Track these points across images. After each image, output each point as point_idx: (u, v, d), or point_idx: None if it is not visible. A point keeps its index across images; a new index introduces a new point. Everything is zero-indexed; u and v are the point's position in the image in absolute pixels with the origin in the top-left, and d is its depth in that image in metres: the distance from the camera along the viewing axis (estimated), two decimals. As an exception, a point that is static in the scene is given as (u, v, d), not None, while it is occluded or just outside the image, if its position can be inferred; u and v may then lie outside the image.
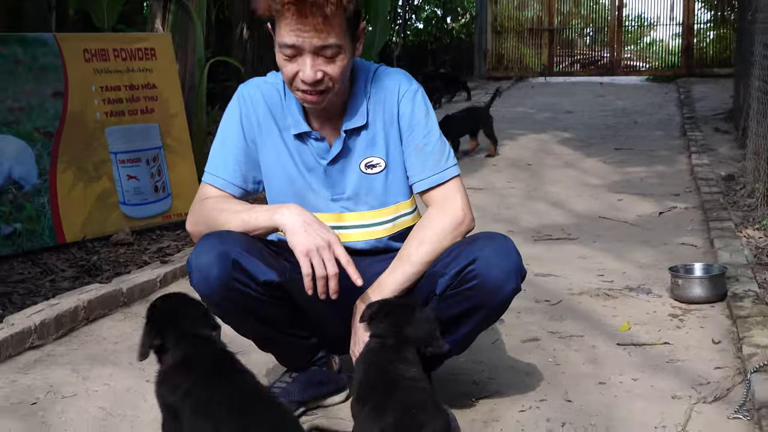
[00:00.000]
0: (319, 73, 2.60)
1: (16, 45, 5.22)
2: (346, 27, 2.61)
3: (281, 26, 2.58)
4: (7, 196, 5.07)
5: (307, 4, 2.49)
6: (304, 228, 2.54)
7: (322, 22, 2.52)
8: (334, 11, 2.53)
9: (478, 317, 2.74)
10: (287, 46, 2.58)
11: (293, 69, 2.62)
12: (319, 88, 2.64)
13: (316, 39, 2.55)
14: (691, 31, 16.67)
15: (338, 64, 2.63)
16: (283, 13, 2.54)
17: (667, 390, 3.15)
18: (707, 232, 5.52)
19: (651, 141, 9.82)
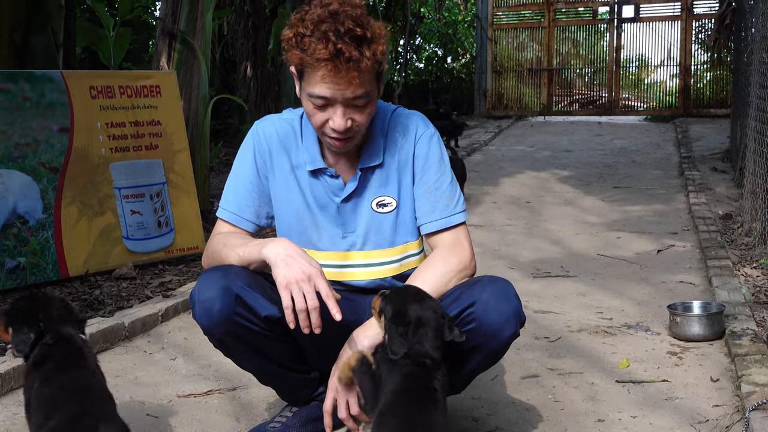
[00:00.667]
0: (349, 122, 2.62)
1: (23, 81, 5.25)
2: (375, 74, 2.64)
3: (313, 77, 2.57)
4: (11, 230, 5.07)
5: (342, 60, 2.49)
6: (286, 261, 2.53)
7: (357, 77, 2.54)
8: (369, 66, 2.55)
9: (476, 359, 2.74)
10: (319, 97, 2.59)
11: (323, 117, 2.64)
12: (347, 135, 2.65)
13: (349, 92, 2.57)
14: (689, 72, 16.74)
15: (367, 111, 2.66)
16: (318, 67, 2.53)
17: (665, 428, 3.14)
18: (705, 271, 5.51)
19: (649, 180, 9.83)
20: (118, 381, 3.70)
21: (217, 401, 3.46)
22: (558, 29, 17.98)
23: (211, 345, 3.45)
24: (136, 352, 4.12)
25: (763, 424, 2.95)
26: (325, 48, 2.49)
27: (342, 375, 2.60)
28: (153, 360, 4.02)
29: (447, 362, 2.73)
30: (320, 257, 2.86)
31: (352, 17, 2.53)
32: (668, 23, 17.08)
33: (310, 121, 2.71)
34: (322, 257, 2.86)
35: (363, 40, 2.53)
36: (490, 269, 5.79)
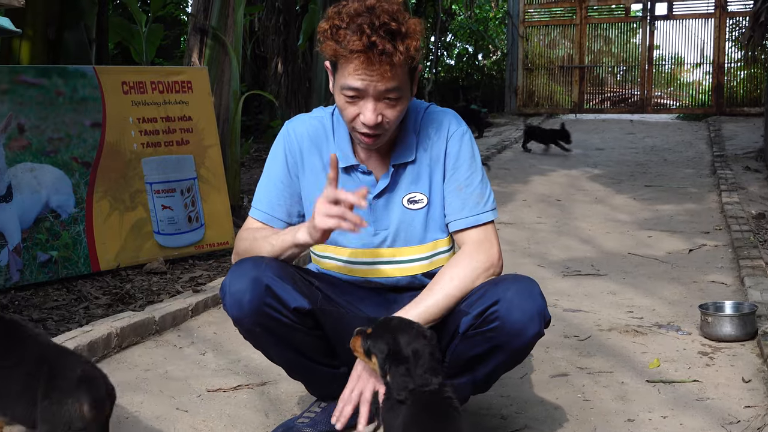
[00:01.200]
0: (380, 117, 2.62)
1: (56, 77, 5.29)
2: (408, 69, 2.64)
3: (346, 69, 2.58)
4: (44, 224, 5.12)
5: (376, 52, 2.51)
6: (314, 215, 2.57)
7: (389, 70, 2.54)
8: (402, 60, 2.55)
9: (498, 358, 2.72)
10: (351, 88, 2.60)
11: (354, 111, 2.64)
12: (377, 131, 2.65)
13: (381, 84, 2.57)
14: (722, 70, 16.61)
15: (398, 108, 2.65)
16: (351, 59, 2.55)
17: (696, 428, 3.12)
18: (737, 270, 5.47)
19: (681, 179, 9.77)
20: (149, 375, 3.72)
21: (246, 396, 3.47)
22: (590, 27, 17.90)
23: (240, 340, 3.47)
24: (166, 347, 4.15)
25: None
26: (359, 40, 2.50)
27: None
28: (183, 354, 4.04)
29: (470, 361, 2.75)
30: (350, 254, 2.87)
31: (388, 12, 2.55)
32: (702, 21, 16.95)
33: (341, 115, 2.72)
34: (352, 254, 2.88)
35: (397, 35, 2.54)
36: (520, 267, 5.78)
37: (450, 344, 2.78)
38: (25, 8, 5.20)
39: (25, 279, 4.99)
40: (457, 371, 2.79)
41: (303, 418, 3.00)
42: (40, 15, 6.64)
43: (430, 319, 2.69)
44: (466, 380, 2.81)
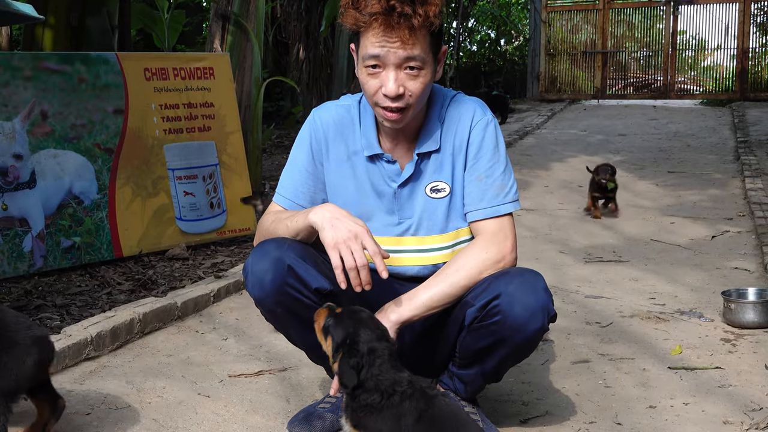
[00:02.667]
0: (401, 88, 2.61)
1: (79, 63, 5.31)
2: (430, 42, 2.63)
3: (367, 38, 2.59)
4: (67, 210, 5.14)
5: (395, 15, 2.51)
6: (332, 223, 2.55)
7: (408, 34, 2.54)
8: (421, 23, 2.54)
9: (503, 352, 2.71)
10: (372, 56, 2.60)
11: (376, 84, 2.64)
12: (399, 104, 2.63)
13: (401, 50, 2.57)
14: (746, 55, 16.47)
15: (420, 80, 2.63)
16: (371, 23, 2.56)
17: (718, 415, 3.10)
18: (761, 257, 5.44)
19: (704, 165, 9.70)
20: (171, 360, 3.74)
21: (268, 381, 3.49)
22: (613, 11, 17.78)
23: (262, 325, 3.49)
24: (188, 332, 4.17)
25: (819, 413, 2.91)
26: (377, 3, 2.52)
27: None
28: (205, 340, 4.06)
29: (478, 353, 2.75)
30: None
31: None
32: (726, 5, 16.81)
33: (365, 92, 2.71)
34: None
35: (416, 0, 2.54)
36: (542, 253, 5.77)
37: (458, 336, 2.78)
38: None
39: (48, 265, 5.03)
40: (467, 363, 2.81)
41: (324, 403, 3.00)
42: (62, 2, 6.67)
43: (433, 306, 2.70)
44: (475, 372, 2.82)
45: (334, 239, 2.52)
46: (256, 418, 3.11)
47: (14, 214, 4.94)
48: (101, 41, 7.09)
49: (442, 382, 2.97)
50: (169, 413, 3.15)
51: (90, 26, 7.03)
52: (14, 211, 4.94)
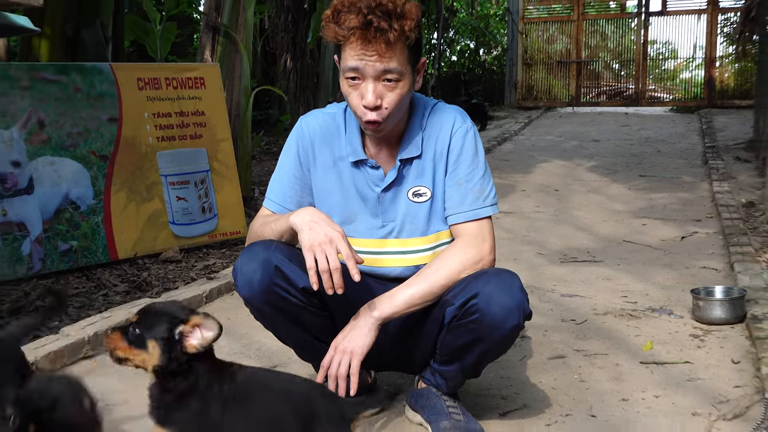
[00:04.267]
0: (379, 99, 2.62)
1: (75, 73, 5.30)
2: (408, 55, 2.64)
3: (346, 51, 2.60)
4: (64, 215, 5.14)
5: (372, 30, 2.52)
6: (310, 226, 2.55)
7: (385, 47, 2.55)
8: (397, 37, 2.55)
9: (481, 348, 2.72)
10: (351, 69, 2.60)
11: (357, 95, 2.64)
12: (377, 115, 2.64)
13: (379, 63, 2.57)
14: (714, 64, 16.55)
15: (397, 91, 2.64)
16: (349, 38, 2.57)
17: (687, 407, 3.12)
18: (727, 257, 5.47)
19: (674, 169, 9.75)
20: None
21: (258, 378, 3.49)
22: (587, 22, 17.85)
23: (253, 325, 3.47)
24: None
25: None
26: (356, 18, 2.53)
27: None
28: (197, 339, 4.05)
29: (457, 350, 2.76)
30: (358, 244, 2.87)
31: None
32: (694, 16, 16.90)
33: (348, 104, 2.73)
34: (360, 244, 2.87)
35: (392, 14, 2.55)
36: (519, 254, 5.79)
37: (439, 335, 2.79)
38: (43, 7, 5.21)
39: (46, 267, 5.02)
40: (448, 359, 2.82)
41: (313, 397, 3.01)
42: (58, 13, 6.66)
43: (413, 303, 2.71)
44: (456, 368, 2.83)
45: (310, 242, 2.53)
46: (247, 413, 3.12)
47: (13, 219, 4.93)
48: (96, 52, 7.07)
49: (424, 378, 2.98)
50: (163, 409, 3.15)
51: (85, 38, 7.02)
52: (13, 216, 4.93)
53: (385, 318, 2.67)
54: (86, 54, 6.94)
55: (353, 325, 2.68)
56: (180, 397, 2.21)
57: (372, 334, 2.64)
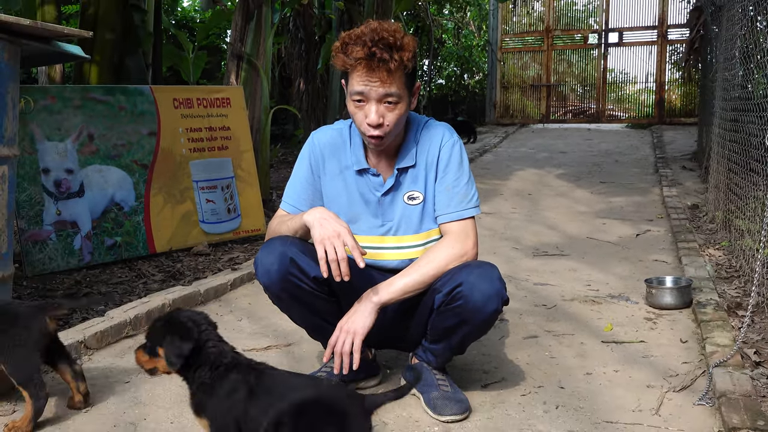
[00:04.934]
0: (381, 118, 2.63)
1: (120, 94, 5.28)
2: (405, 81, 2.65)
3: (353, 78, 2.62)
4: (110, 215, 5.12)
5: (375, 60, 2.55)
6: (320, 222, 2.56)
7: (386, 75, 2.57)
8: (397, 66, 2.57)
9: (465, 330, 2.72)
10: (357, 93, 2.62)
11: (362, 115, 2.66)
12: (379, 131, 2.65)
13: (381, 88, 2.59)
14: (663, 87, 16.53)
15: (396, 112, 2.65)
16: (356, 66, 2.59)
17: (642, 380, 3.11)
18: (676, 251, 5.46)
19: (630, 176, 9.73)
20: (195, 337, 3.72)
21: (275, 354, 3.47)
22: (555, 52, 17.84)
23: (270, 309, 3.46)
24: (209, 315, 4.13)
25: (723, 377, 2.92)
26: (361, 50, 2.56)
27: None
28: (223, 321, 4.04)
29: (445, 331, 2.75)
30: (361, 240, 2.86)
31: (387, 30, 2.60)
32: (647, 47, 16.88)
33: (354, 121, 2.72)
34: (362, 240, 2.86)
35: (393, 47, 2.57)
36: (498, 249, 5.77)
37: (429, 317, 2.78)
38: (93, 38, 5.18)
39: (94, 260, 5.00)
40: (437, 339, 2.81)
41: (321, 371, 3.00)
42: (106, 44, 6.63)
43: (407, 291, 2.70)
44: (444, 346, 2.82)
45: (321, 236, 2.53)
46: (266, 384, 3.10)
47: (66, 218, 4.91)
48: (138, 76, 7.06)
49: (416, 354, 2.97)
50: (194, 381, 3.13)
51: (128, 64, 7.00)
52: (67, 216, 4.91)
53: (383, 303, 2.66)
54: (130, 78, 6.93)
55: (356, 309, 2.67)
56: (205, 389, 2.17)
57: (372, 316, 2.64)
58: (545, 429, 2.66)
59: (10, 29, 3.14)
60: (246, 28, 7.14)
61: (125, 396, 2.96)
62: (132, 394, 2.99)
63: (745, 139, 4.92)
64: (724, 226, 5.67)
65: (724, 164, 5.87)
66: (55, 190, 4.87)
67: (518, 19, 18.42)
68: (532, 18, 18.33)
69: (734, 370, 3.00)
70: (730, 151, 5.62)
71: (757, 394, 2.81)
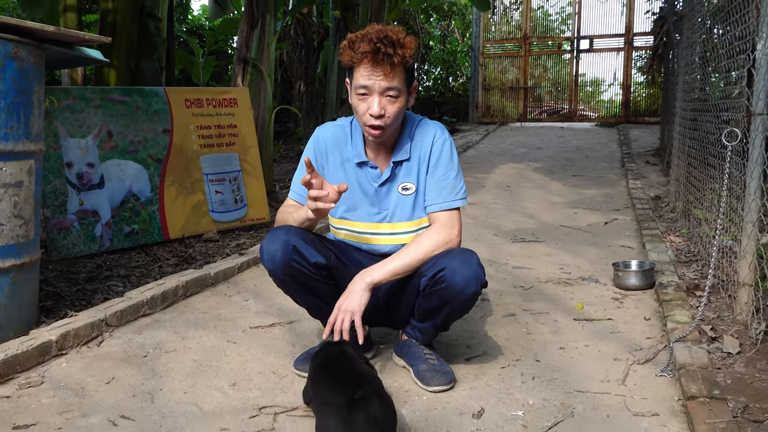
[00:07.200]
0: (383, 110, 2.63)
1: (136, 95, 5.26)
2: (405, 77, 2.66)
3: (359, 71, 2.62)
4: (128, 205, 5.10)
5: (380, 54, 2.56)
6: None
7: (389, 69, 2.58)
8: (399, 61, 2.58)
9: (447, 310, 2.72)
10: (362, 86, 2.62)
11: (365, 107, 2.66)
12: (380, 122, 2.65)
13: (384, 81, 2.59)
14: (629, 89, 16.51)
15: (397, 105, 2.65)
16: (361, 60, 2.59)
17: (610, 353, 3.13)
18: (640, 238, 5.48)
19: (599, 170, 9.75)
20: (206, 316, 3.72)
21: (279, 331, 3.48)
22: (532, 57, 17.79)
23: (274, 290, 3.47)
24: (219, 295, 4.15)
25: (683, 351, 2.94)
26: (367, 45, 2.58)
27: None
28: (231, 301, 4.04)
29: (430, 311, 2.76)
30: (359, 226, 2.89)
31: (391, 30, 2.63)
32: (614, 53, 16.84)
33: (356, 113, 2.72)
34: (360, 226, 2.89)
35: (396, 44, 2.59)
36: (481, 235, 5.78)
37: (416, 299, 2.80)
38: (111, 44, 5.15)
39: (114, 245, 4.99)
40: (423, 317, 2.82)
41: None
42: (123, 49, 6.59)
43: (397, 272, 2.71)
44: (430, 324, 2.83)
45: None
46: (270, 358, 3.11)
47: (88, 207, 4.90)
48: (152, 79, 7.02)
49: (406, 331, 2.98)
50: (205, 355, 3.14)
51: (144, 67, 6.96)
52: (88, 206, 4.90)
53: (375, 282, 2.67)
54: (145, 80, 6.89)
55: (351, 290, 2.67)
56: None
57: (366, 295, 2.64)
58: (522, 398, 2.67)
59: (35, 35, 3.12)
60: (251, 35, 7.11)
61: (143, 368, 2.97)
62: (149, 367, 2.99)
63: (704, 137, 4.93)
64: (684, 216, 5.69)
65: (684, 159, 5.89)
66: (77, 182, 4.85)
67: (498, 28, 18.39)
68: (511, 26, 18.30)
69: (692, 344, 3.02)
70: (690, 148, 5.64)
71: (712, 366, 2.83)
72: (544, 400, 2.65)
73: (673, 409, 2.55)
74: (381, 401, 2.05)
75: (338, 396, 2.07)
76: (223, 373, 2.93)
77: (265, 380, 2.86)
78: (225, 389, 2.77)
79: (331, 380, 2.18)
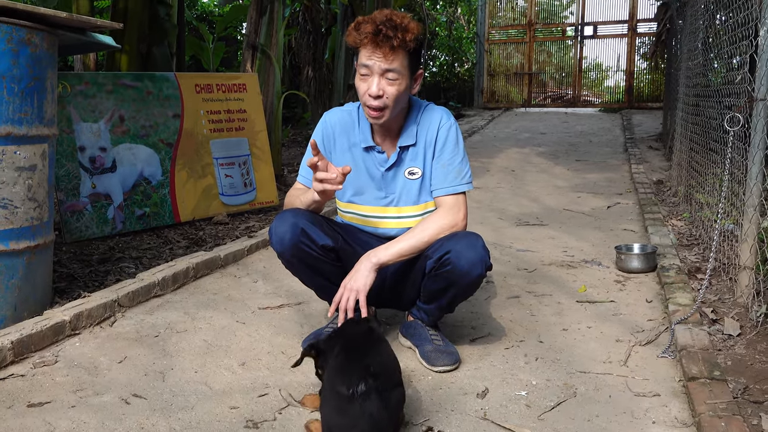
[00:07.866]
0: (381, 90, 2.61)
1: (147, 80, 5.24)
2: (407, 61, 2.64)
3: (362, 52, 2.62)
4: (140, 188, 5.10)
5: (381, 36, 2.56)
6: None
7: (389, 51, 2.57)
8: (399, 44, 2.57)
9: (453, 292, 2.72)
10: (363, 65, 2.62)
11: (365, 87, 2.65)
12: (379, 103, 2.64)
13: (383, 63, 2.58)
14: (632, 75, 16.42)
15: (396, 87, 2.63)
16: (363, 41, 2.59)
17: (612, 335, 3.12)
18: (643, 221, 5.46)
19: (602, 155, 9.72)
20: (216, 297, 3.73)
21: (287, 312, 3.48)
22: (536, 44, 17.70)
23: (283, 271, 3.46)
24: (229, 277, 4.15)
25: (684, 333, 2.93)
26: (370, 26, 2.59)
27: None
28: (241, 282, 4.04)
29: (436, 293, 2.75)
30: (366, 210, 2.88)
31: (397, 15, 2.63)
32: (618, 39, 16.74)
33: (358, 94, 2.71)
34: (367, 210, 2.88)
35: (398, 27, 2.58)
36: (486, 219, 5.77)
37: (422, 281, 2.79)
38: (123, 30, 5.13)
39: (126, 228, 4.99)
40: (429, 299, 2.82)
41: (328, 327, 3.00)
42: (135, 35, 6.57)
43: (403, 254, 2.69)
44: (435, 306, 2.82)
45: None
46: (279, 338, 3.11)
47: (101, 190, 4.90)
48: (163, 64, 6.99)
49: (412, 313, 2.97)
50: (215, 335, 3.14)
51: (155, 53, 6.93)
52: (101, 189, 4.90)
53: (381, 263, 2.65)
54: (156, 66, 6.87)
55: (357, 269, 2.66)
56: None
57: (372, 275, 2.63)
58: (526, 378, 2.67)
59: (48, 21, 3.11)
60: (260, 21, 7.07)
61: (154, 348, 2.97)
62: (160, 346, 3.00)
63: (706, 122, 4.90)
64: (686, 200, 5.66)
65: (686, 144, 5.86)
66: (90, 166, 4.85)
67: (503, 14, 18.27)
68: (516, 13, 18.17)
69: (693, 326, 3.01)
70: (692, 133, 5.60)
71: (713, 347, 2.82)
72: (547, 380, 2.65)
73: (674, 389, 2.55)
74: (381, 398, 2.02)
75: (342, 387, 2.04)
76: (233, 353, 2.94)
77: (273, 360, 2.86)
78: (234, 368, 2.77)
79: (344, 367, 2.13)
